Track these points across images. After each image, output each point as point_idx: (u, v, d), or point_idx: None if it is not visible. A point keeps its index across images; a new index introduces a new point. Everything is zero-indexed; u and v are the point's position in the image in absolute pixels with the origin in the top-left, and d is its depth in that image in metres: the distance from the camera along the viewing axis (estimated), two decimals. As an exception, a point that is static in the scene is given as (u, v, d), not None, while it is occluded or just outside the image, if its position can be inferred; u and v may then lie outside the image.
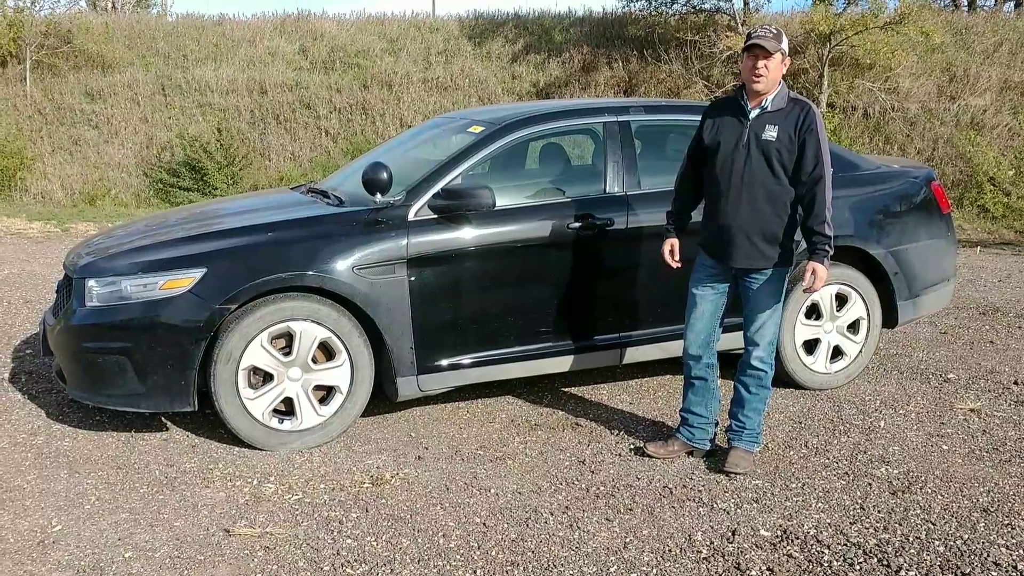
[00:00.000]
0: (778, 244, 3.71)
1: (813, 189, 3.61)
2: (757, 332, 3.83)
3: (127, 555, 3.16)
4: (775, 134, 3.62)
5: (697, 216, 4.03)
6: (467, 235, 4.23)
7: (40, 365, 5.29)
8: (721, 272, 3.86)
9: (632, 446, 4.16)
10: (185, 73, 16.36)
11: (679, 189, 4.05)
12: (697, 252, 3.95)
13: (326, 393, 4.17)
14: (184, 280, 3.91)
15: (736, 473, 3.81)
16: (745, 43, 3.66)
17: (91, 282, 4.00)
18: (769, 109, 3.67)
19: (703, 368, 3.97)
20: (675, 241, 4.03)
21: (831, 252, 3.66)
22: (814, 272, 3.64)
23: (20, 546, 3.21)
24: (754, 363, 3.86)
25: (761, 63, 3.60)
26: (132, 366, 3.91)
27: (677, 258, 4.04)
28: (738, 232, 3.70)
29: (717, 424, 4.07)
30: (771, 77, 3.63)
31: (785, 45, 3.65)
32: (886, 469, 3.89)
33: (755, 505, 3.55)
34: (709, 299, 3.89)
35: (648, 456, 4.00)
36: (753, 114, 3.69)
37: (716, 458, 3.97)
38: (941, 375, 5.22)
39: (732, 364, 5.04)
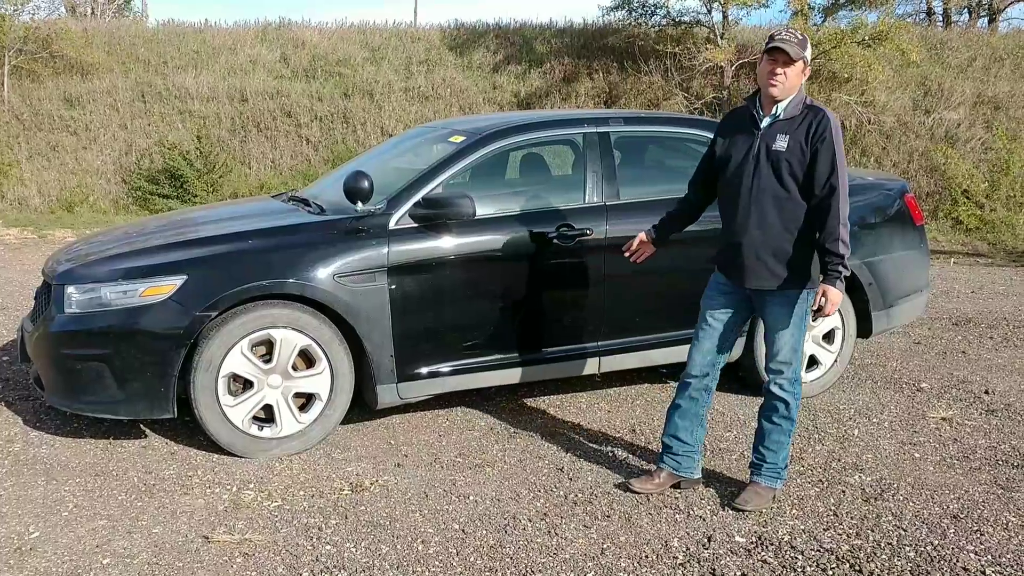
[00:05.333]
0: (790, 263, 3.44)
1: (826, 203, 3.34)
2: (774, 359, 3.56)
3: (105, 562, 3.15)
4: (786, 144, 3.37)
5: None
6: (447, 244, 4.26)
7: (17, 372, 5.26)
8: (734, 291, 3.62)
9: (610, 453, 4.19)
10: (165, 80, 16.29)
11: (681, 199, 3.90)
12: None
13: (306, 400, 4.18)
14: (164, 287, 3.91)
15: (744, 510, 3.56)
16: (766, 45, 3.40)
17: (70, 288, 3.99)
18: (782, 117, 3.41)
19: (699, 389, 3.71)
20: (646, 242, 3.89)
21: (846, 272, 3.36)
22: (825, 295, 3.34)
23: (-3, 553, 3.21)
24: (774, 391, 3.57)
25: (781, 69, 3.36)
26: (111, 373, 3.90)
27: (637, 255, 3.90)
28: (747, 250, 3.47)
29: (703, 455, 3.88)
30: (789, 84, 3.38)
31: (808, 53, 3.40)
32: (859, 476, 3.95)
33: (731, 512, 3.59)
34: (718, 318, 3.65)
35: (635, 493, 3.72)
36: (764, 123, 3.45)
37: (733, 490, 3.77)
38: (914, 384, 5.30)
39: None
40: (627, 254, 3.97)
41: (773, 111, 3.44)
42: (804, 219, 3.42)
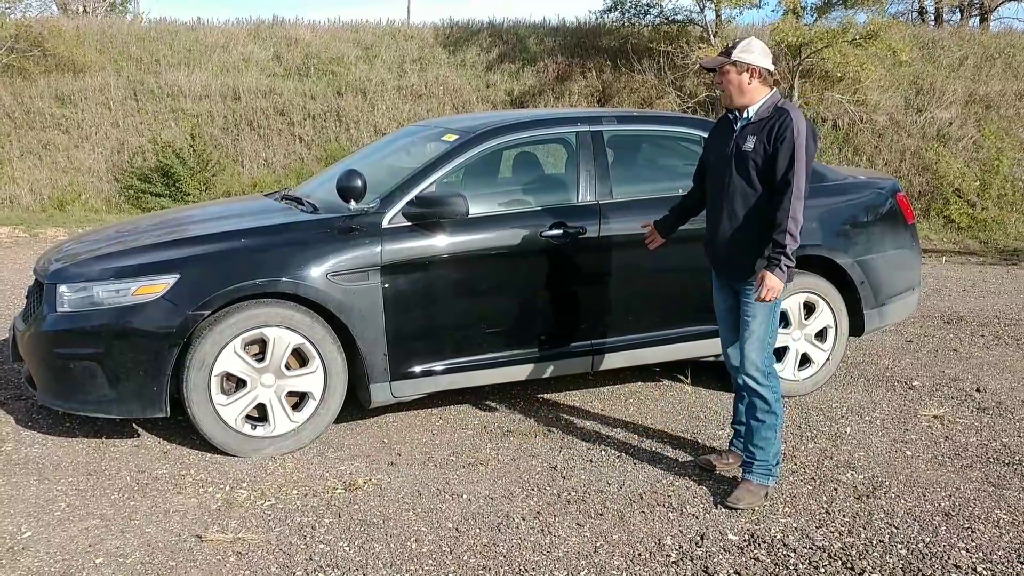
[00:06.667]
0: (757, 257, 3.60)
1: (779, 197, 3.49)
2: (743, 352, 3.68)
3: (98, 561, 3.15)
4: (752, 144, 3.57)
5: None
6: (441, 243, 4.26)
7: (9, 371, 5.24)
8: (726, 285, 3.83)
9: (603, 452, 4.20)
10: (158, 78, 16.23)
11: (685, 194, 4.13)
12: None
13: (299, 399, 4.18)
14: (157, 286, 3.90)
15: (737, 508, 3.59)
16: None
17: (62, 287, 3.98)
18: (752, 120, 3.61)
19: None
20: (654, 231, 4.14)
21: (786, 262, 3.47)
22: (763, 280, 3.48)
23: (-11, 553, 3.20)
24: (749, 385, 3.68)
25: (719, 80, 3.65)
26: (104, 372, 3.89)
27: (649, 240, 4.17)
28: (721, 243, 3.70)
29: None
30: (733, 90, 3.59)
31: (740, 55, 3.56)
32: (852, 474, 3.96)
33: (723, 510, 3.60)
34: (724, 310, 3.87)
35: (704, 469, 3.97)
36: (739, 125, 3.66)
37: (726, 488, 3.79)
38: (906, 382, 5.32)
39: (705, 370, 5.13)
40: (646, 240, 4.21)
41: (745, 114, 3.64)
42: (770, 215, 3.57)
